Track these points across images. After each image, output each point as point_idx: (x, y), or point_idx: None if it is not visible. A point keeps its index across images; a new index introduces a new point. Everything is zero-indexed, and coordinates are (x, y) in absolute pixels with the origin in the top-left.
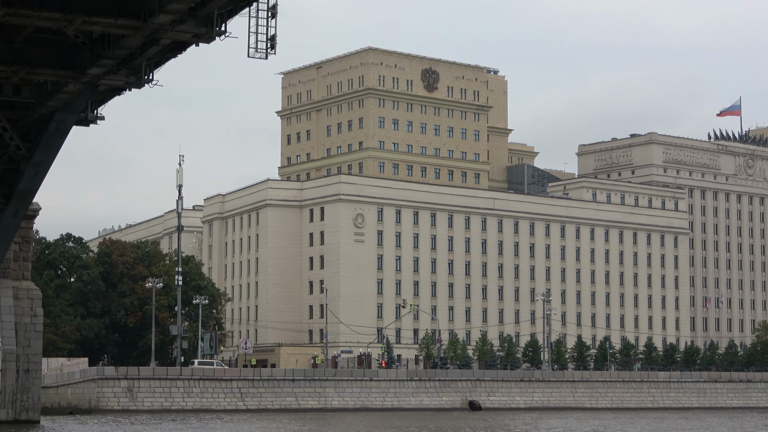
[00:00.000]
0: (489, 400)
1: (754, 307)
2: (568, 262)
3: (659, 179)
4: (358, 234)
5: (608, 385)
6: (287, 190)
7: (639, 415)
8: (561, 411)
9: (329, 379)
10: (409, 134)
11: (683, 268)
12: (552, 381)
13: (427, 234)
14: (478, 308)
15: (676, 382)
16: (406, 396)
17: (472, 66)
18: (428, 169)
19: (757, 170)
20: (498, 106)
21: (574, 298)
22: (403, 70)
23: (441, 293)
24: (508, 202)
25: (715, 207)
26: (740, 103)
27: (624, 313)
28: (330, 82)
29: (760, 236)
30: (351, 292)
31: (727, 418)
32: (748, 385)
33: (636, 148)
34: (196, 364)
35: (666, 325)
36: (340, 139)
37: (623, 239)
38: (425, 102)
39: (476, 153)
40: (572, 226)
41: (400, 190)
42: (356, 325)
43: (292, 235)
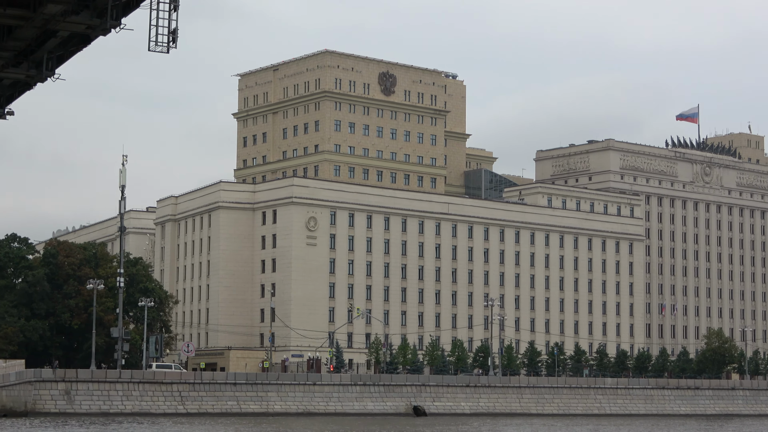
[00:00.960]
0: (434, 406)
1: (710, 315)
2: (523, 267)
3: (616, 186)
4: (311, 237)
5: (555, 391)
6: (240, 193)
7: (581, 421)
8: (507, 417)
9: (272, 383)
10: (366, 138)
11: (638, 275)
12: (498, 387)
13: (381, 238)
14: (431, 313)
15: (624, 389)
16: (349, 401)
17: (430, 70)
18: (384, 173)
19: (714, 178)
20: (456, 110)
21: (528, 303)
22: (360, 74)
23: (394, 297)
24: (463, 207)
25: (671, 214)
26: (698, 110)
27: (578, 319)
28: (286, 84)
29: (716, 244)
30: (303, 295)
31: (657, 424)
32: (696, 392)
33: (593, 155)
34: (154, 367)
35: (620, 332)
36: (295, 142)
37: (578, 245)
38: (382, 106)
39: (433, 157)
40: (527, 231)
41: (353, 194)
42: (307, 329)
43: (244, 238)
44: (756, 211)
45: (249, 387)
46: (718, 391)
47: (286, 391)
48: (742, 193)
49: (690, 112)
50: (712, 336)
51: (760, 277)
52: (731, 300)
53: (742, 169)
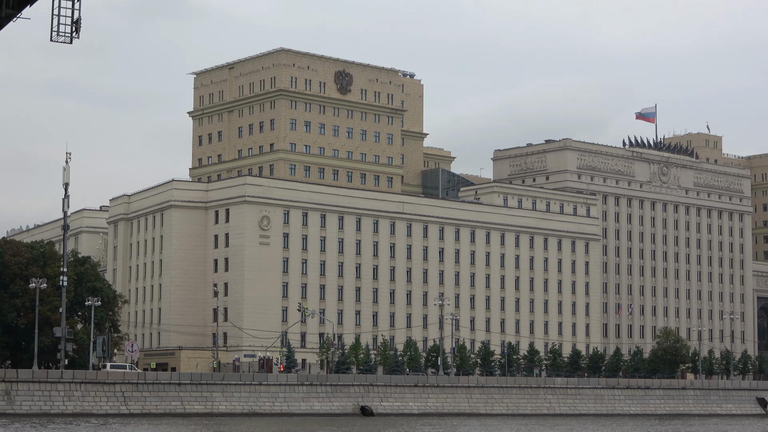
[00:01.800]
0: (382, 406)
1: (667, 315)
2: (478, 267)
3: (573, 185)
4: (264, 236)
5: (504, 391)
6: (192, 191)
7: (528, 421)
8: (455, 417)
9: (217, 383)
10: (322, 137)
11: (594, 275)
12: (447, 386)
13: (335, 237)
14: (385, 313)
15: (574, 389)
16: (296, 401)
17: (387, 69)
18: (340, 173)
19: (671, 177)
20: (413, 110)
21: (484, 303)
22: (316, 72)
23: (348, 297)
24: (418, 206)
25: (629, 214)
26: (655, 110)
27: (534, 319)
28: (242, 82)
29: (673, 243)
30: (256, 295)
31: (603, 424)
32: (646, 392)
33: (550, 154)
34: (108, 367)
35: (576, 332)
36: (251, 141)
37: (534, 245)
38: (338, 104)
39: (389, 157)
40: (482, 231)
41: (307, 193)
42: (260, 329)
43: (196, 237)
44: (713, 211)
45: (193, 387)
46: (668, 390)
47: (232, 391)
48: (699, 192)
49: (647, 111)
50: (663, 335)
51: (717, 277)
52: (688, 300)
53: (700, 169)
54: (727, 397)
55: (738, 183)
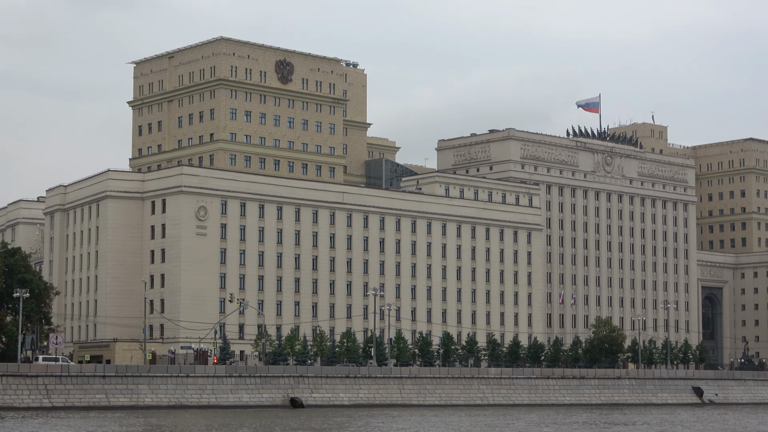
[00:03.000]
0: (312, 397)
1: (611, 304)
2: (419, 257)
3: (517, 175)
4: (201, 227)
5: (437, 382)
6: (129, 182)
7: (458, 411)
8: (387, 408)
9: (143, 375)
10: (262, 126)
11: (537, 265)
12: (379, 377)
13: (273, 228)
14: (325, 303)
15: (508, 379)
16: (224, 393)
17: (329, 58)
18: (282, 163)
19: (615, 167)
20: (357, 99)
21: (425, 293)
22: (257, 61)
23: (287, 288)
24: (358, 196)
25: (572, 203)
26: (599, 100)
27: (476, 309)
28: (182, 72)
29: (617, 233)
30: (192, 286)
31: (527, 413)
32: (581, 382)
33: (494, 144)
34: (41, 360)
35: (518, 322)
36: (191, 131)
37: (476, 235)
38: (279, 94)
39: (331, 146)
40: (423, 221)
41: (244, 183)
42: (197, 320)
43: (133, 228)
44: (657, 201)
45: (119, 380)
46: (603, 380)
47: (158, 383)
48: (643, 182)
49: (591, 101)
50: (599, 325)
51: (661, 267)
52: (632, 290)
53: (644, 159)
54: (663, 387)
55: (682, 173)
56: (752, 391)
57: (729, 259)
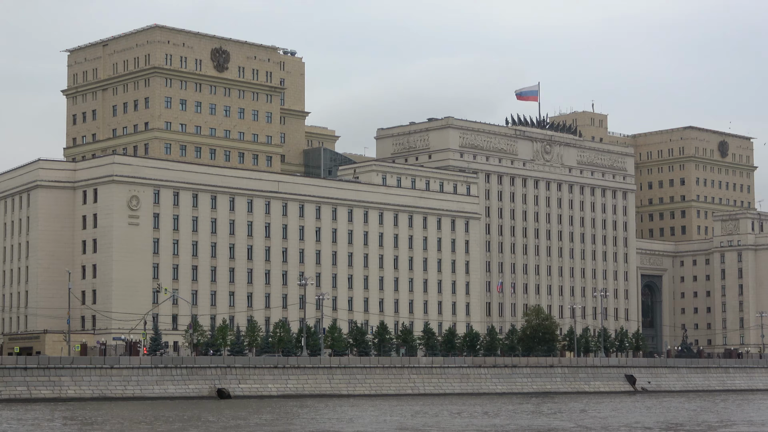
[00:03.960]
0: (239, 388)
1: (551, 293)
2: (356, 246)
3: (456, 164)
4: (133, 217)
5: (367, 372)
6: (60, 171)
7: (386, 401)
8: (315, 398)
9: (65, 367)
10: (198, 115)
11: (474, 253)
12: (308, 368)
13: (207, 217)
14: (260, 293)
15: (439, 368)
16: (149, 384)
17: (265, 46)
18: (218, 152)
19: (554, 156)
20: (295, 88)
21: (362, 282)
22: (192, 49)
23: (221, 278)
24: (294, 185)
25: (512, 192)
26: (538, 88)
27: (413, 298)
28: (116, 60)
29: (557, 222)
30: (124, 276)
31: (455, 402)
32: (513, 371)
33: (433, 133)
34: None
35: (456, 311)
36: (125, 120)
37: (413, 224)
38: (215, 82)
39: (268, 135)
40: (360, 210)
41: (177, 172)
42: (129, 311)
43: (64, 218)
44: (596, 189)
45: (41, 372)
46: (536, 369)
47: (81, 375)
48: (582, 171)
49: (530, 90)
50: (532, 313)
51: (601, 255)
52: (572, 278)
53: (583, 147)
54: (595, 375)
55: (622, 161)
56: (685, 378)
57: (668, 247)
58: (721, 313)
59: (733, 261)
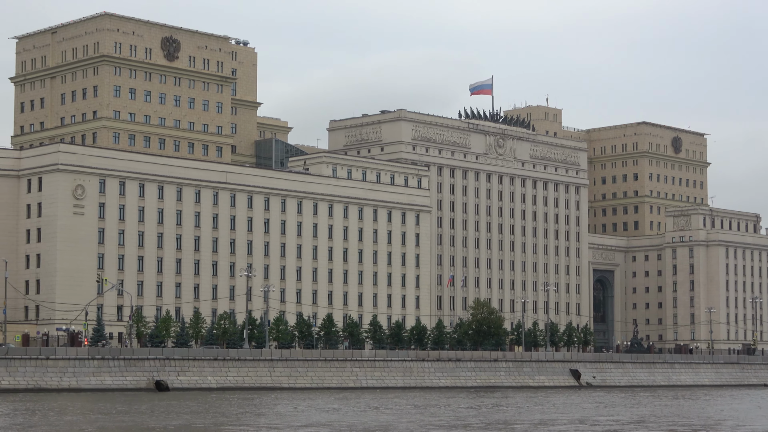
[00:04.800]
0: (178, 380)
1: (502, 287)
2: (305, 238)
3: (408, 156)
4: (78, 206)
5: (309, 364)
6: (5, 159)
7: (320, 394)
8: (255, 391)
9: (0, 357)
10: (147, 104)
11: (425, 246)
12: (249, 360)
13: (154, 207)
14: (207, 284)
15: (381, 361)
16: (86, 376)
17: (217, 36)
18: (167, 141)
19: (507, 150)
20: (247, 78)
21: (310, 275)
22: (142, 38)
23: (168, 269)
24: (242, 176)
25: (464, 185)
26: (492, 82)
27: (362, 291)
28: (65, 48)
29: (509, 216)
30: (69, 266)
31: (397, 396)
32: (457, 364)
33: (385, 125)
34: None
35: (406, 304)
36: (74, 108)
37: (363, 216)
38: (165, 71)
39: (219, 126)
40: (310, 201)
41: (124, 161)
42: (74, 302)
43: (8, 207)
44: (549, 184)
45: None
46: (480, 363)
47: (16, 366)
48: (535, 165)
49: (484, 83)
50: (477, 307)
51: (553, 249)
52: (524, 272)
53: (536, 142)
54: (540, 369)
55: (574, 156)
56: (630, 373)
57: (620, 242)
58: (672, 308)
59: (685, 257)
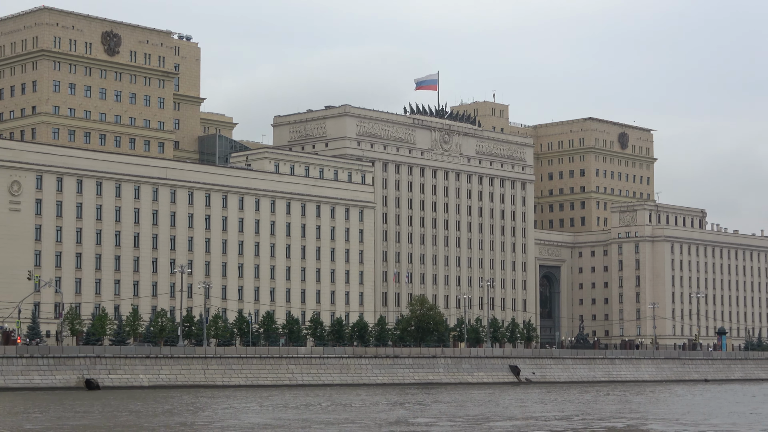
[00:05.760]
0: (109, 378)
1: (448, 283)
2: (247, 234)
3: (353, 152)
4: (14, 202)
5: (244, 362)
6: None
7: (256, 392)
8: (188, 389)
9: None
10: (88, 100)
11: (369, 243)
12: (182, 357)
13: (92, 204)
14: (147, 281)
15: (318, 358)
16: (13, 374)
17: (159, 30)
18: (108, 137)
19: (453, 145)
20: (190, 73)
21: (252, 272)
22: (82, 32)
23: (106, 266)
24: (183, 172)
25: (409, 181)
26: (438, 77)
27: (305, 287)
28: (2, 42)
29: (455, 212)
30: (4, 264)
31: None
32: (395, 361)
33: (330, 121)
34: None
35: (350, 300)
36: (12, 103)
37: (306, 212)
38: (105, 66)
39: (161, 121)
40: (252, 198)
41: (61, 157)
42: (9, 300)
43: None
44: (495, 179)
45: None
46: (418, 359)
47: None
48: (481, 161)
49: (429, 78)
50: (417, 303)
51: (499, 245)
52: (470, 268)
53: (482, 137)
54: (479, 366)
55: (521, 152)
56: (570, 369)
57: (567, 238)
58: (618, 304)
59: (631, 252)
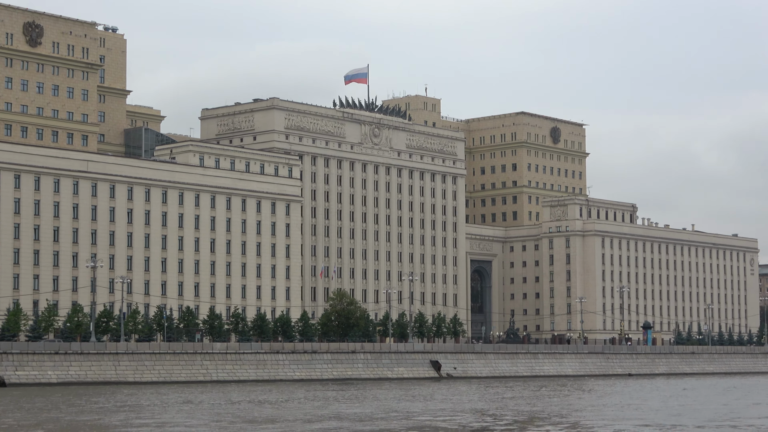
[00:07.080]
0: (16, 375)
1: (378, 278)
2: (170, 228)
3: (281, 146)
4: None
5: (156, 358)
6: None
7: (171, 388)
8: (98, 386)
9: None
10: (9, 91)
11: (295, 237)
12: (93, 353)
13: (10, 197)
14: (67, 276)
15: (234, 354)
16: None
17: (82, 21)
18: (30, 130)
19: (383, 139)
20: (115, 66)
21: (176, 266)
22: (3, 23)
23: (25, 260)
24: (105, 165)
25: (339, 175)
26: (368, 70)
27: (231, 282)
28: None
29: (385, 206)
30: None
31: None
32: (313, 357)
33: (258, 114)
34: None
35: (276, 295)
36: None
37: (231, 206)
38: (27, 58)
39: (84, 113)
40: (175, 191)
41: None
42: None
43: None
44: (426, 174)
45: None
46: (336, 355)
47: None
48: (412, 155)
49: (359, 72)
50: (337, 298)
51: (430, 240)
52: (400, 263)
53: (413, 131)
54: (399, 361)
55: (452, 146)
56: (492, 364)
57: (498, 232)
58: (549, 298)
59: (561, 247)
